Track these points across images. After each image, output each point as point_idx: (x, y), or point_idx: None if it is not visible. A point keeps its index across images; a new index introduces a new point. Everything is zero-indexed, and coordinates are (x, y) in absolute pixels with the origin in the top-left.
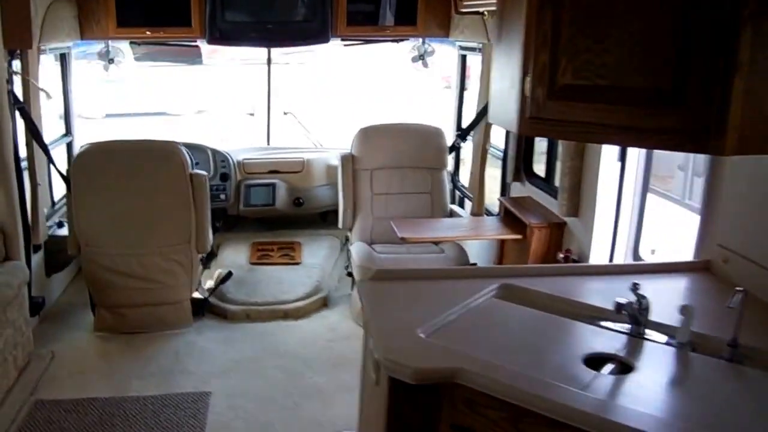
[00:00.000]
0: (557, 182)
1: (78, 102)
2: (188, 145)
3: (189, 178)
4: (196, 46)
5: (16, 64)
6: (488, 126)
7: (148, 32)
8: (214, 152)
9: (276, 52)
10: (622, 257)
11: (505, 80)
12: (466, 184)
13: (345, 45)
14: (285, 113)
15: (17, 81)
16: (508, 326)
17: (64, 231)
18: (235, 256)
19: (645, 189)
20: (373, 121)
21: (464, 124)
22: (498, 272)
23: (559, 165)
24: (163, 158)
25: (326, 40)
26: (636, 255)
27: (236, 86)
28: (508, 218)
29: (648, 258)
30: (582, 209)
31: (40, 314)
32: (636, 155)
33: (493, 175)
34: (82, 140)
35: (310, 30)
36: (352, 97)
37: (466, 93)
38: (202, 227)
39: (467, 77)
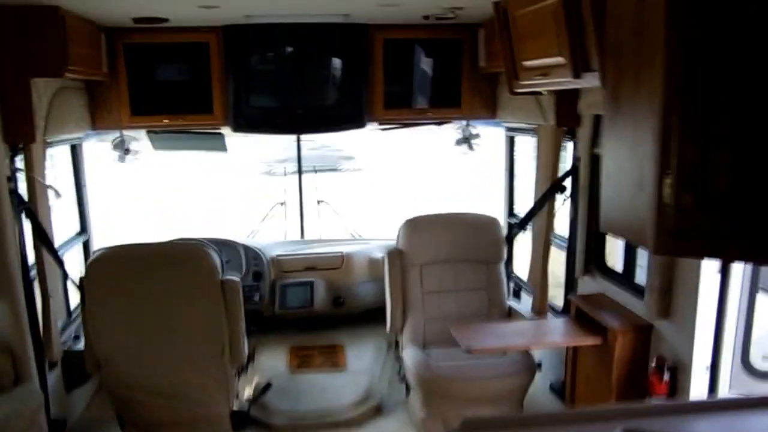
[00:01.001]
0: (639, 279)
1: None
2: (216, 242)
3: (220, 285)
4: (220, 134)
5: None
6: (551, 215)
7: (165, 120)
8: (246, 249)
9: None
10: (728, 366)
11: (625, 176)
12: (521, 276)
13: (383, 129)
14: (319, 202)
15: (21, 178)
16: None
17: (81, 344)
18: (273, 361)
19: (755, 285)
20: (418, 206)
21: (516, 208)
22: (616, 413)
23: (641, 259)
24: (190, 263)
25: (362, 125)
26: (746, 361)
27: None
28: (580, 319)
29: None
30: (675, 310)
31: None
32: None
33: (553, 266)
34: (99, 238)
35: (343, 114)
36: (392, 180)
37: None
38: (236, 338)
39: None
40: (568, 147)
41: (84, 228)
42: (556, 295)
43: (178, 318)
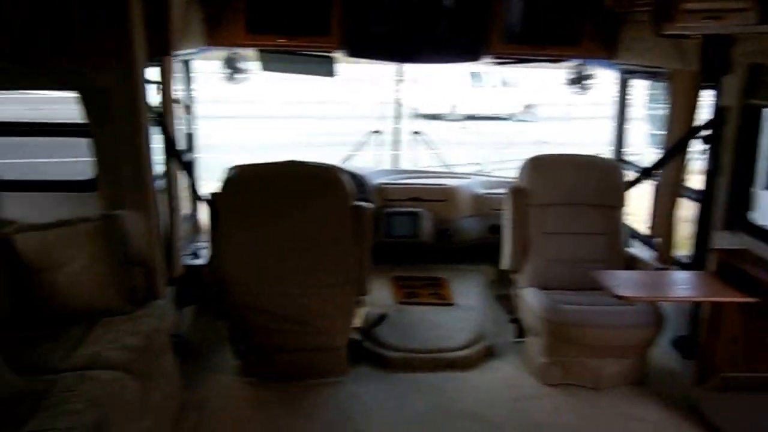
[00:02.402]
0: None
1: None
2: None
3: (352, 211)
4: (330, 58)
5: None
6: (683, 164)
7: (281, 40)
8: (352, 175)
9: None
10: None
11: None
12: (635, 225)
13: (498, 64)
14: (415, 133)
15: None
16: None
17: (198, 262)
18: (377, 291)
19: None
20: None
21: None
22: None
23: None
24: (326, 187)
25: (476, 58)
26: None
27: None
28: (724, 274)
29: None
30: None
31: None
32: None
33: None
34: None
35: (459, 46)
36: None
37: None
38: (364, 267)
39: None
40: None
41: (191, 147)
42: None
43: (308, 241)
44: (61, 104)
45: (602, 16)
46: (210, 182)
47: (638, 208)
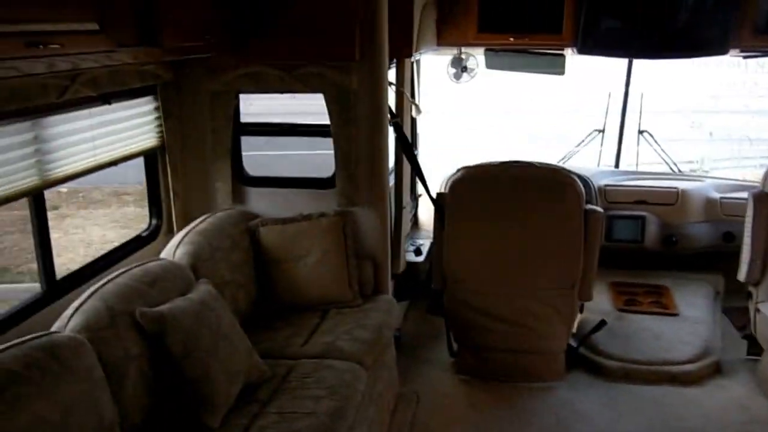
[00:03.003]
0: None
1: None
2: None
3: (583, 215)
4: (561, 55)
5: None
6: None
7: (511, 38)
8: (577, 176)
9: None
10: None
11: None
12: None
13: (745, 57)
14: (640, 132)
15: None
16: None
17: (418, 258)
18: (596, 296)
19: None
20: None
21: None
22: None
23: None
24: (557, 189)
25: (724, 52)
26: None
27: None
28: None
29: None
30: None
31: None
32: None
33: None
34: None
35: (704, 39)
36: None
37: None
38: (589, 272)
39: None
40: None
41: (415, 144)
42: None
43: (535, 244)
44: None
45: None
46: (434, 179)
47: None
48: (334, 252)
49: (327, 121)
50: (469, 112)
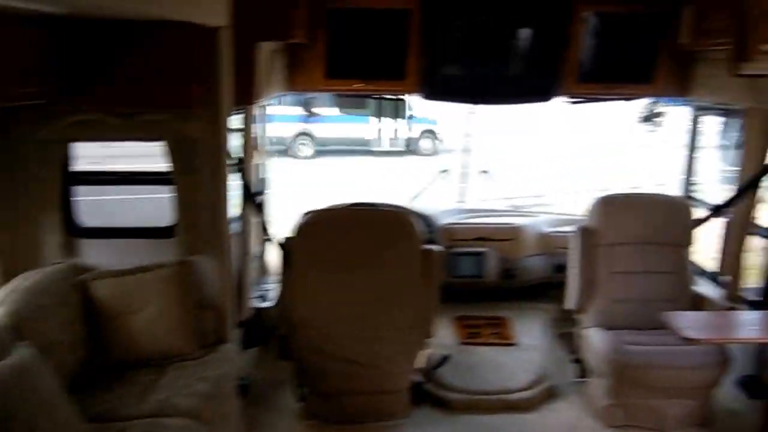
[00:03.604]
0: None
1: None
2: (392, 206)
3: (422, 254)
4: (403, 100)
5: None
6: (754, 201)
7: (358, 84)
8: (420, 216)
9: None
10: None
11: None
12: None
13: (573, 103)
14: (482, 171)
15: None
16: None
17: (265, 304)
18: (440, 331)
19: None
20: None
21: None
22: None
23: None
24: (398, 231)
25: (550, 98)
26: None
27: None
28: None
29: None
30: None
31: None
32: None
33: None
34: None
35: (535, 87)
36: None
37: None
38: (432, 310)
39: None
40: None
41: (263, 189)
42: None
43: (380, 285)
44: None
45: (676, 55)
46: (284, 221)
47: (706, 245)
48: (173, 303)
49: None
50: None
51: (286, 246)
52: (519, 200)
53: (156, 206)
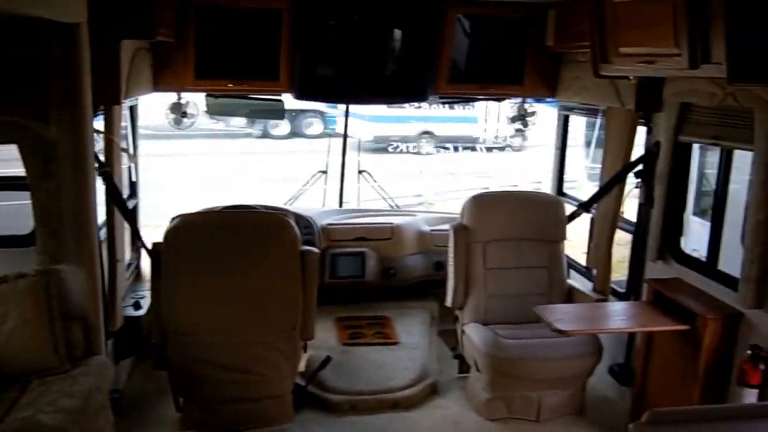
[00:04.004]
0: (730, 267)
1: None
2: (269, 208)
3: (300, 257)
4: (280, 100)
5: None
6: (620, 197)
7: (229, 84)
8: (298, 217)
9: None
10: None
11: None
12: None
13: (443, 103)
14: (360, 172)
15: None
16: None
17: (138, 312)
18: (322, 333)
19: None
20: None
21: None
22: None
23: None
24: (273, 233)
25: (425, 98)
26: None
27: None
28: (658, 303)
29: None
30: None
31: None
32: None
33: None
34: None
35: (407, 87)
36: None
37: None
38: (309, 312)
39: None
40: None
41: (134, 192)
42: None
43: (256, 290)
44: None
45: (544, 56)
46: (157, 224)
47: (579, 240)
48: (35, 315)
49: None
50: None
51: (156, 252)
52: (399, 200)
53: (16, 214)
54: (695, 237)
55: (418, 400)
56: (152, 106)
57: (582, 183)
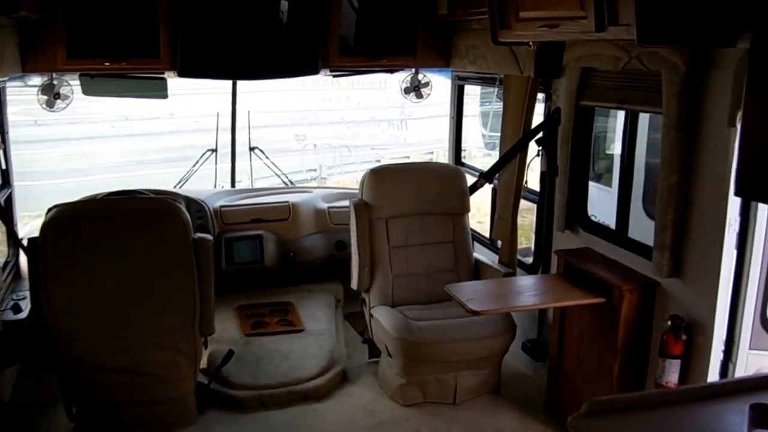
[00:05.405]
0: (632, 233)
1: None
2: (155, 193)
3: (192, 245)
4: (163, 78)
5: None
6: (523, 166)
7: (106, 63)
8: (188, 200)
9: None
10: (748, 323)
11: None
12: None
13: (336, 75)
14: (252, 149)
15: None
16: None
17: (19, 316)
18: (222, 325)
19: None
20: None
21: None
22: (738, 388)
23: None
24: (161, 221)
25: (315, 72)
26: (764, 318)
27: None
28: (570, 275)
29: None
30: (689, 268)
31: None
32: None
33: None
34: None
35: (297, 61)
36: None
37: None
38: (207, 305)
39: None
40: None
41: (7, 181)
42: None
43: (146, 285)
44: None
45: (436, 26)
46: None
47: (483, 211)
48: None
49: None
50: (80, 136)
51: (32, 248)
52: (293, 176)
53: None
54: (592, 203)
55: (328, 390)
56: None
57: (474, 154)
